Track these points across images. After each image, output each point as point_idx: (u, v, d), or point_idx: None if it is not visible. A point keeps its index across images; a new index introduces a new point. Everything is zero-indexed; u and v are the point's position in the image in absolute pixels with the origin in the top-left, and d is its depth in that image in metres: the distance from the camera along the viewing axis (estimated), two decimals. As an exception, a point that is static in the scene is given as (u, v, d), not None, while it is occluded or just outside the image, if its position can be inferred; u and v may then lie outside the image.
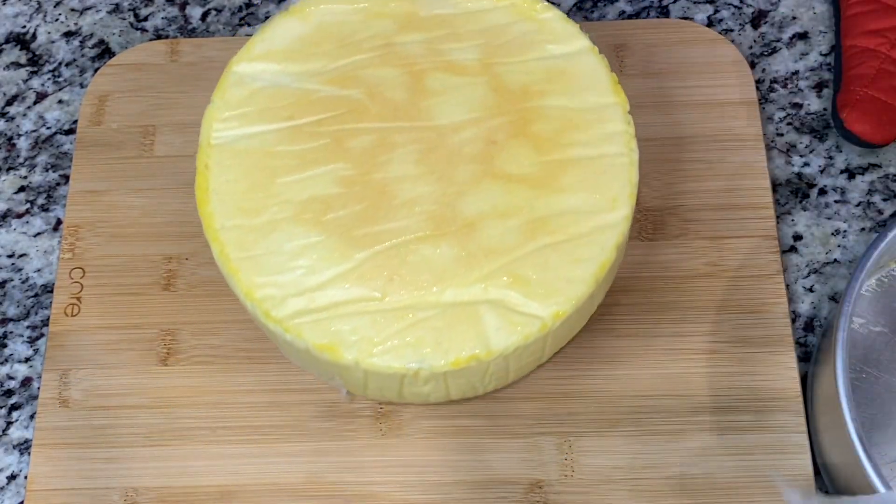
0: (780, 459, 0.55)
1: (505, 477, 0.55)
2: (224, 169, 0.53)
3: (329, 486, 0.55)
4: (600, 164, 0.52)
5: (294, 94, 0.54)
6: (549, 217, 0.51)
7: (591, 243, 0.50)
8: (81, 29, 0.69)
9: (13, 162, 0.65)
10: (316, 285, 0.50)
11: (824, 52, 0.67)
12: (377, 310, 0.49)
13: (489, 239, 0.50)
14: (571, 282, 0.50)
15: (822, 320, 0.60)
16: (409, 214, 0.51)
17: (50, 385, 0.58)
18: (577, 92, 0.53)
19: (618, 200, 0.51)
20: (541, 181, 0.51)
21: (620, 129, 0.53)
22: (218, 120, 0.54)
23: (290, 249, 0.50)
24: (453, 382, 0.50)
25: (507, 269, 0.50)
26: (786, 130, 0.65)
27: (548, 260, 0.50)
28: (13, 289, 0.62)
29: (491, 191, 0.51)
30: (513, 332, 0.49)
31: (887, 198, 0.63)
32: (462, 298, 0.49)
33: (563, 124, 0.53)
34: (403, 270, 0.50)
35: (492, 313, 0.49)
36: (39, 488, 0.56)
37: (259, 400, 0.57)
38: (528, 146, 0.52)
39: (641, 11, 0.68)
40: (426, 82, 0.54)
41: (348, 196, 0.51)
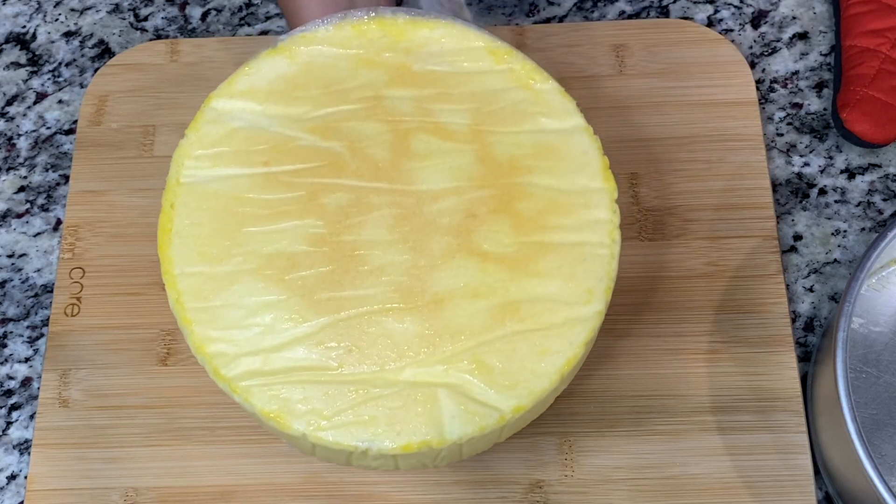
0: (780, 459, 0.55)
1: (505, 477, 0.55)
2: (190, 210, 0.50)
3: (329, 486, 0.55)
4: (580, 252, 0.49)
5: (273, 139, 0.51)
6: (521, 302, 0.48)
7: (561, 336, 0.48)
8: (81, 29, 0.69)
9: (13, 162, 0.65)
10: (271, 347, 0.48)
11: (824, 52, 0.67)
12: (331, 381, 0.47)
13: (457, 318, 0.48)
14: (536, 375, 0.47)
15: (822, 320, 0.60)
16: (377, 283, 0.49)
17: (50, 385, 0.58)
18: (566, 172, 0.51)
19: (593, 293, 0.49)
20: (517, 263, 0.49)
21: (605, 218, 0.50)
22: (190, 157, 0.51)
23: (249, 304, 0.48)
24: (403, 461, 0.49)
25: (471, 353, 0.48)
26: (786, 130, 0.65)
27: (514, 349, 0.48)
28: (13, 289, 0.62)
29: (464, 267, 0.49)
30: (469, 422, 0.47)
31: (887, 198, 0.63)
32: (421, 379, 0.47)
33: (548, 205, 0.50)
34: (364, 342, 0.48)
35: (450, 399, 0.47)
36: (39, 488, 0.56)
37: (259, 400, 0.57)
38: (508, 224, 0.50)
39: (641, 11, 0.68)
40: (411, 143, 0.51)
41: (316, 256, 0.49)
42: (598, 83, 0.65)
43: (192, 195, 0.50)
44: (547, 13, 0.68)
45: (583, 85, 0.64)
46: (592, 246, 0.49)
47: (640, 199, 0.61)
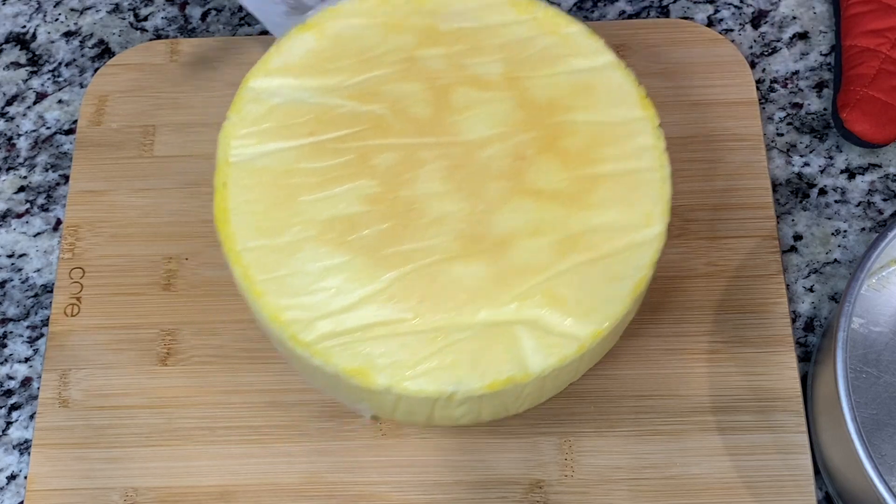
0: (780, 459, 0.55)
1: (505, 477, 0.55)
2: (243, 188, 0.51)
3: (329, 486, 0.55)
4: (632, 179, 0.50)
5: (314, 110, 0.52)
6: (583, 234, 0.49)
7: (627, 260, 0.49)
8: (81, 29, 0.69)
9: (13, 162, 0.65)
10: (343, 307, 0.48)
11: (824, 52, 0.67)
12: (409, 332, 0.48)
13: (522, 257, 0.49)
14: (609, 300, 0.48)
15: (822, 320, 0.60)
16: (438, 233, 0.49)
17: (50, 385, 0.58)
18: (605, 106, 0.52)
19: (652, 216, 0.50)
20: (572, 197, 0.50)
21: (651, 144, 0.51)
22: (235, 137, 0.52)
23: (315, 270, 0.49)
24: (487, 404, 0.49)
25: (541, 287, 0.48)
26: (786, 130, 0.65)
27: (583, 278, 0.48)
28: (13, 289, 0.62)
29: (521, 208, 0.50)
30: (550, 354, 0.47)
31: (887, 198, 0.63)
32: (496, 319, 0.48)
33: (592, 139, 0.51)
34: (434, 291, 0.48)
35: (528, 334, 0.48)
36: (39, 488, 0.56)
37: (259, 400, 0.57)
38: (557, 161, 0.51)
39: (641, 11, 0.68)
40: (450, 97, 0.52)
41: (374, 214, 0.50)
42: (598, 83, 0.65)
43: (242, 173, 0.51)
44: (547, 13, 0.68)
45: (583, 85, 0.64)
46: (643, 172, 0.51)
47: (640, 199, 0.61)
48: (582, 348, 0.48)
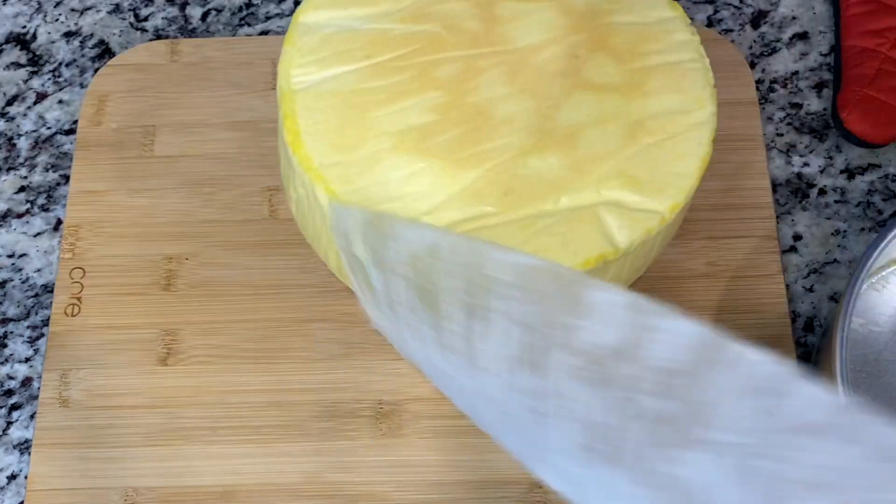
0: (780, 459, 0.55)
1: (505, 477, 0.55)
2: (311, 112, 0.52)
3: (329, 486, 0.55)
4: (679, 69, 0.53)
5: (367, 35, 0.54)
6: (645, 119, 0.52)
7: (689, 139, 0.52)
8: (81, 29, 0.69)
9: (13, 162, 0.65)
10: (430, 208, 0.50)
11: (824, 52, 0.67)
12: (498, 223, 0.50)
13: (592, 145, 0.51)
14: (680, 176, 0.51)
15: (822, 320, 0.60)
16: (510, 131, 0.51)
17: (50, 385, 0.58)
18: (641, 9, 0.55)
19: (702, 100, 0.53)
20: (629, 88, 0.52)
21: (688, 39, 0.54)
22: (294, 66, 0.53)
23: (397, 178, 0.50)
24: None
25: (616, 171, 0.51)
26: (786, 130, 0.65)
27: (653, 158, 0.51)
28: (13, 289, 0.62)
29: (584, 101, 0.52)
30: (635, 228, 0.50)
31: (887, 198, 0.63)
32: (578, 203, 0.50)
33: (637, 37, 0.54)
34: (516, 184, 0.50)
35: (610, 214, 0.50)
36: (39, 488, 0.56)
37: (259, 400, 0.57)
38: (609, 58, 0.53)
39: (641, 11, 0.68)
40: (497, 11, 0.54)
41: (445, 121, 0.52)
42: (599, 83, 0.65)
43: (307, 98, 0.53)
44: (547, 13, 0.68)
45: (583, 85, 0.65)
46: (686, 62, 0.54)
47: (640, 198, 0.61)
48: (664, 220, 0.50)
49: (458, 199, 0.50)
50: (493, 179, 0.50)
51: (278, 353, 0.58)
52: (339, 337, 0.58)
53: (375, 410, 0.57)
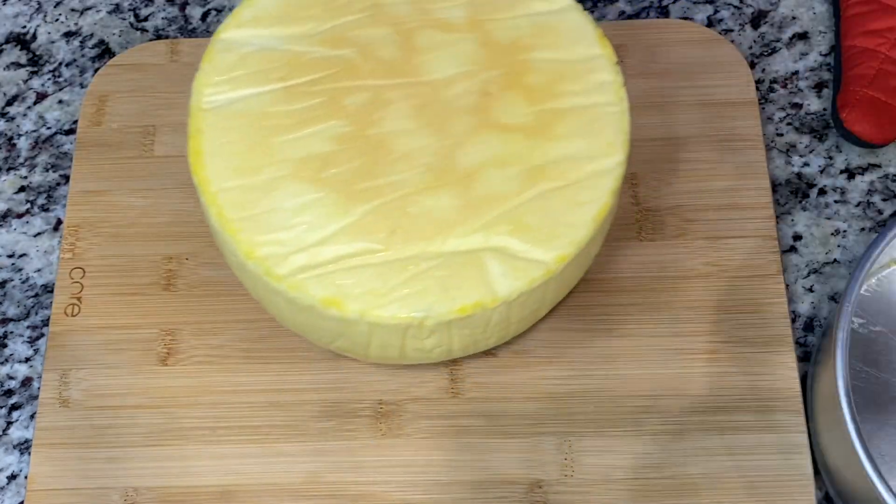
0: (780, 459, 0.55)
1: (505, 477, 0.55)
2: (218, 132, 0.52)
3: (329, 486, 0.55)
4: (593, 112, 0.52)
5: (285, 57, 0.54)
6: (547, 164, 0.51)
7: (590, 188, 0.51)
8: (81, 29, 0.69)
9: (13, 162, 0.65)
10: (318, 241, 0.50)
11: (824, 52, 0.67)
12: (381, 262, 0.50)
13: (489, 187, 0.51)
14: (572, 226, 0.50)
15: (822, 320, 0.60)
16: (408, 167, 0.51)
17: (50, 385, 0.58)
18: (566, 45, 0.54)
19: (613, 146, 0.52)
20: (536, 130, 0.52)
21: (610, 80, 0.53)
22: (208, 85, 0.53)
23: (290, 207, 0.50)
24: (457, 334, 0.50)
25: (507, 216, 0.50)
26: (786, 130, 0.65)
27: (547, 205, 0.50)
28: (13, 289, 0.62)
29: (488, 141, 0.52)
30: (517, 278, 0.49)
31: (887, 198, 0.63)
32: (464, 247, 0.50)
33: (554, 76, 0.53)
34: (405, 222, 0.50)
35: (495, 260, 0.49)
36: (39, 488, 0.56)
37: (259, 400, 0.57)
38: (521, 97, 0.53)
39: (641, 11, 0.68)
40: (416, 40, 0.54)
41: (346, 152, 0.52)
42: (598, 83, 0.65)
43: (216, 118, 0.53)
44: (547, 13, 0.68)
45: (583, 85, 0.64)
46: (603, 105, 0.53)
47: (640, 199, 0.61)
48: (548, 272, 0.49)
49: (346, 234, 0.50)
50: (382, 215, 0.50)
51: (278, 353, 0.58)
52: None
53: (375, 410, 0.57)
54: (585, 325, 0.58)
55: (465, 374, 0.57)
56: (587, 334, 0.58)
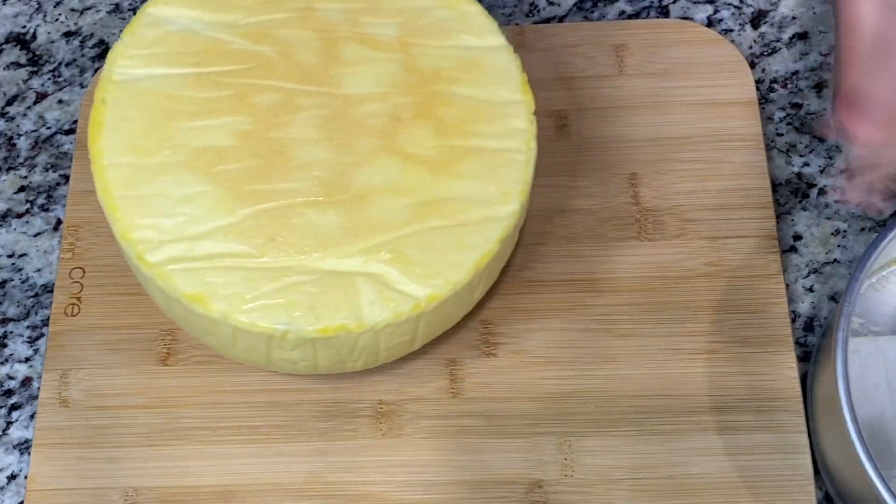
0: (780, 459, 0.55)
1: (505, 477, 0.55)
2: (122, 106, 0.52)
3: (329, 486, 0.55)
4: (499, 157, 0.52)
5: (205, 42, 0.53)
6: (441, 201, 0.51)
7: (478, 232, 0.50)
8: (81, 29, 0.69)
9: (13, 162, 0.65)
10: (196, 234, 0.49)
11: (824, 52, 0.67)
12: (254, 267, 0.49)
13: (378, 213, 0.50)
14: (452, 267, 0.50)
15: (822, 320, 0.60)
16: (302, 178, 0.51)
17: (50, 385, 0.58)
18: (488, 85, 0.53)
19: (510, 195, 0.51)
20: (438, 165, 0.51)
21: (523, 128, 0.53)
22: (124, 57, 0.53)
23: (176, 194, 0.50)
24: (322, 351, 0.50)
25: (390, 245, 0.50)
26: (786, 130, 0.65)
27: (433, 242, 0.50)
28: (13, 289, 0.62)
29: (387, 166, 0.51)
30: (386, 308, 0.49)
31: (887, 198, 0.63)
32: (341, 268, 0.49)
33: (469, 113, 0.53)
34: (286, 232, 0.50)
35: (368, 287, 0.49)
36: (39, 488, 0.56)
37: (259, 400, 0.57)
38: (431, 128, 0.52)
39: (641, 11, 0.68)
40: (340, 51, 0.53)
41: (244, 150, 0.51)
42: (598, 83, 0.65)
43: (124, 92, 0.52)
44: (547, 13, 0.68)
45: (583, 85, 0.64)
46: (511, 152, 0.52)
47: (640, 199, 0.61)
48: (417, 308, 0.49)
49: (226, 232, 0.50)
50: (266, 221, 0.50)
51: (278, 353, 0.58)
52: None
53: (375, 410, 0.57)
54: (585, 325, 0.58)
55: (465, 374, 0.57)
56: (587, 334, 0.58)
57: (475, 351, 0.58)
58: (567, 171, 0.62)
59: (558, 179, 0.62)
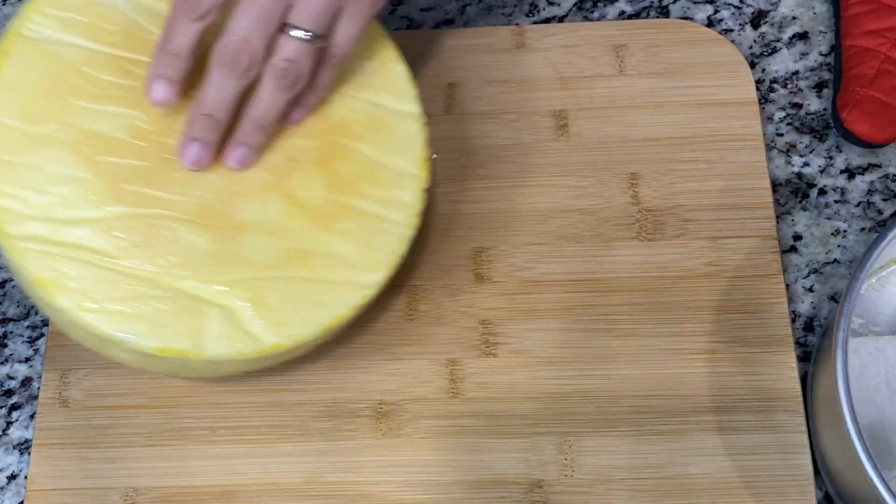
0: (780, 459, 0.55)
1: (505, 477, 0.55)
2: (25, 64, 0.50)
3: (329, 486, 0.55)
4: (380, 224, 0.52)
5: (126, 23, 0.51)
6: (313, 253, 0.50)
7: (338, 293, 0.50)
8: None
9: None
10: (62, 219, 0.48)
11: (824, 52, 0.67)
12: (111, 268, 0.48)
13: (249, 249, 0.50)
14: (303, 322, 0.50)
15: (822, 320, 0.60)
16: (184, 193, 0.49)
17: (50, 385, 0.58)
18: (389, 150, 0.53)
19: (379, 264, 0.51)
20: (320, 216, 0.51)
21: (410, 202, 0.53)
22: (39, 13, 0.50)
23: (53, 172, 0.48)
24: (155, 362, 0.50)
25: (252, 283, 0.49)
26: (786, 130, 0.65)
27: (293, 291, 0.50)
28: (13, 289, 0.62)
29: (271, 205, 0.50)
30: (228, 346, 0.48)
31: (887, 198, 0.63)
32: (198, 292, 0.48)
33: (364, 173, 0.52)
34: (155, 243, 0.49)
35: (219, 318, 0.48)
36: (39, 488, 0.56)
37: (259, 400, 0.57)
38: (324, 178, 0.52)
39: (641, 11, 0.68)
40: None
41: (134, 149, 0.50)
42: (598, 83, 0.65)
43: (31, 49, 0.50)
44: (547, 13, 0.68)
45: (583, 85, 0.64)
46: (393, 223, 0.52)
47: (640, 199, 0.61)
48: (259, 353, 0.49)
49: (94, 226, 0.48)
50: (136, 226, 0.48)
51: (278, 353, 0.58)
52: (339, 337, 0.58)
53: (375, 410, 0.57)
54: (585, 325, 0.58)
55: (465, 374, 0.57)
56: (587, 334, 0.58)
57: (475, 351, 0.58)
58: (567, 171, 0.62)
59: (558, 179, 0.62)
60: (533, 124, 0.63)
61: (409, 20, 0.68)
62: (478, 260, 0.60)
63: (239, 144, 0.50)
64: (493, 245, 0.60)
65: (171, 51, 0.48)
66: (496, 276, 0.60)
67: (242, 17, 0.48)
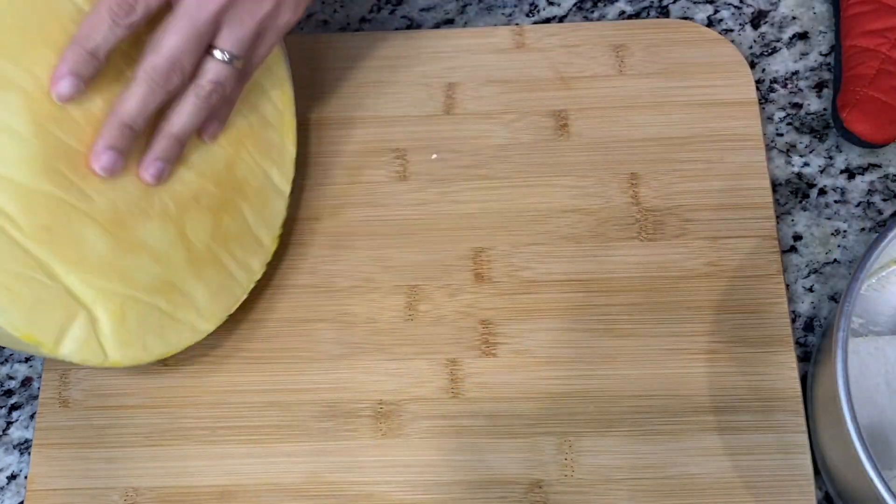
0: (780, 459, 0.55)
1: (505, 477, 0.55)
2: None
3: (329, 486, 0.55)
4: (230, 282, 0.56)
5: None
6: (177, 290, 0.53)
7: (179, 332, 0.54)
8: (81, 29, 0.69)
9: None
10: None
11: (824, 52, 0.67)
12: (12, 240, 0.47)
13: (134, 267, 0.52)
14: (144, 348, 0.52)
15: (821, 320, 0.60)
16: (103, 193, 0.50)
17: (50, 385, 0.58)
18: (260, 220, 0.57)
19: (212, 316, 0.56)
20: (196, 259, 0.54)
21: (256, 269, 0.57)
22: None
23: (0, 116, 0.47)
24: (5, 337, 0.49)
25: (123, 299, 0.51)
26: (786, 130, 0.65)
27: (149, 319, 0.52)
28: (13, 289, 0.62)
29: (166, 234, 0.53)
30: (80, 352, 0.50)
31: (887, 198, 0.63)
32: (77, 291, 0.50)
33: (239, 233, 0.56)
34: (61, 231, 0.49)
35: (82, 323, 0.50)
36: (39, 488, 0.56)
37: (259, 400, 0.57)
38: (211, 226, 0.55)
39: (641, 11, 0.68)
40: None
41: (80, 132, 0.49)
42: (598, 83, 0.65)
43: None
44: (547, 13, 0.68)
45: (583, 85, 0.64)
46: (238, 284, 0.56)
47: (640, 199, 0.61)
48: (99, 364, 0.51)
49: (14, 193, 0.47)
50: (52, 208, 0.48)
51: (278, 353, 0.58)
52: (339, 337, 0.58)
53: (375, 410, 0.57)
54: (585, 326, 0.58)
55: (465, 374, 0.57)
56: (587, 334, 0.58)
57: (475, 351, 0.58)
58: (567, 171, 0.62)
59: (558, 179, 0.62)
60: (533, 124, 0.63)
61: (409, 20, 0.69)
62: (478, 260, 0.60)
63: (157, 159, 0.52)
64: (493, 245, 0.60)
65: (89, 49, 0.48)
66: (496, 276, 0.60)
67: (174, 36, 0.48)
